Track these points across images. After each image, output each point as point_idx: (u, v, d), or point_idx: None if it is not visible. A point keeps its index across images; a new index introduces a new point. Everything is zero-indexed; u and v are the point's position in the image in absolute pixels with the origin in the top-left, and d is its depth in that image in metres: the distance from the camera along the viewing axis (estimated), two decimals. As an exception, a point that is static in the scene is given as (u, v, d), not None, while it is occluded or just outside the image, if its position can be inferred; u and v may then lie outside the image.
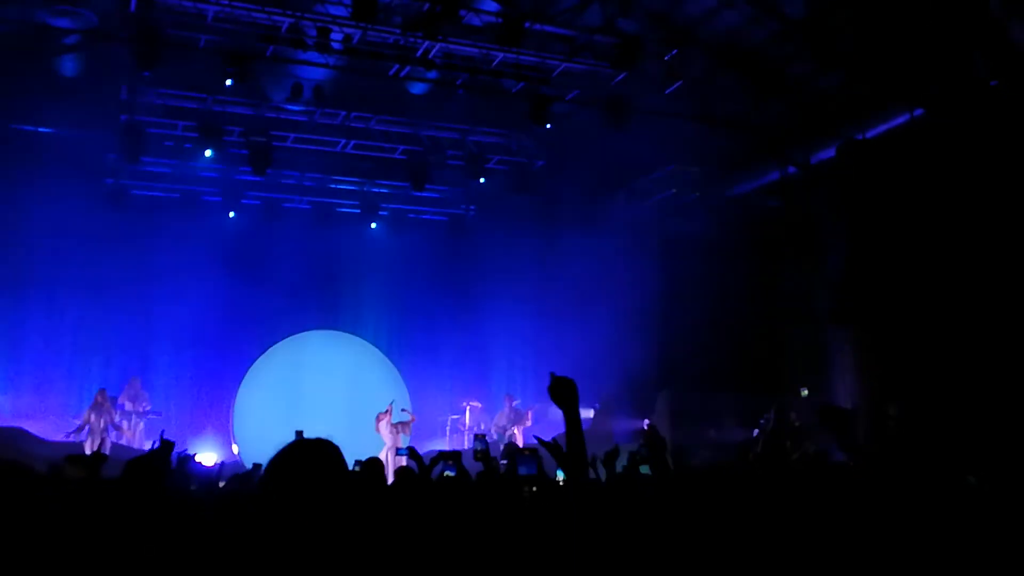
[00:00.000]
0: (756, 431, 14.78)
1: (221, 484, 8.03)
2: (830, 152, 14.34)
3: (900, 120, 13.43)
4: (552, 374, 3.43)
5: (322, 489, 2.32)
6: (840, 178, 14.10)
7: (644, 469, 6.50)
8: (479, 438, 5.93)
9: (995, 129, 11.54)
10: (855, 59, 13.24)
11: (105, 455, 8.75)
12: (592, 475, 6.10)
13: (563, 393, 3.32)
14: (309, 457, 2.39)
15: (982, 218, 11.58)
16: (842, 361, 14.61)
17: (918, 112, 13.05)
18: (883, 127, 13.74)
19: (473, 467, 6.29)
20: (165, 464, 5.37)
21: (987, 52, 11.34)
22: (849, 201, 13.99)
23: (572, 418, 3.28)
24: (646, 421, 17.30)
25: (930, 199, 12.26)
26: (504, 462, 5.83)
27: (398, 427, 16.27)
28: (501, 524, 3.19)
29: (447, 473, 5.56)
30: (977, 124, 11.87)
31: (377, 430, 16.16)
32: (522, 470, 4.06)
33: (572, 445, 3.22)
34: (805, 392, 15.45)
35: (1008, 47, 11.11)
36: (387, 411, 16.36)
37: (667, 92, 15.16)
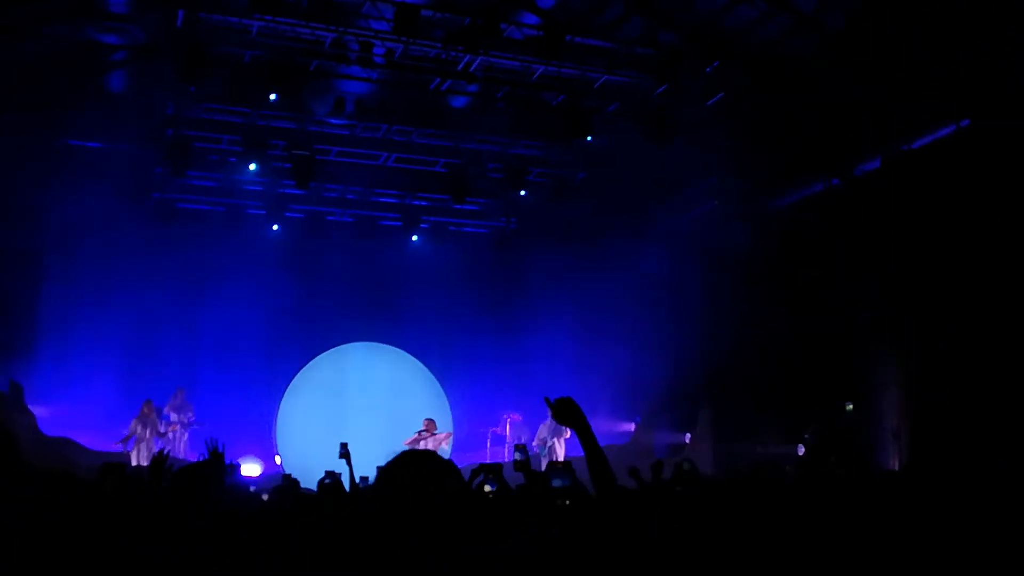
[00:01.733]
0: (800, 447, 14.63)
1: (264, 497, 8.08)
2: (874, 164, 14.16)
3: (946, 131, 13.23)
4: (547, 400, 3.44)
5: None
6: (885, 190, 13.92)
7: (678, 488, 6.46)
8: (519, 448, 5.90)
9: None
10: (899, 69, 13.08)
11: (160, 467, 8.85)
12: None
13: (568, 413, 3.32)
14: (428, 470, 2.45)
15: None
16: (887, 375, 14.40)
17: (964, 122, 12.86)
18: (929, 138, 13.54)
19: (513, 478, 6.28)
20: (217, 475, 5.39)
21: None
22: (894, 214, 13.80)
23: (585, 433, 3.27)
24: (687, 435, 17.21)
25: (976, 211, 12.06)
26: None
27: (435, 440, 16.29)
28: (535, 537, 3.18)
29: (487, 488, 5.54)
30: (1024, 134, 11.67)
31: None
32: (555, 483, 4.04)
33: (593, 458, 3.20)
34: (850, 407, 15.24)
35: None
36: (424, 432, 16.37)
37: (708, 104, 15.12)
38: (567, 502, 4.03)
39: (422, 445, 16.18)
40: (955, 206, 12.39)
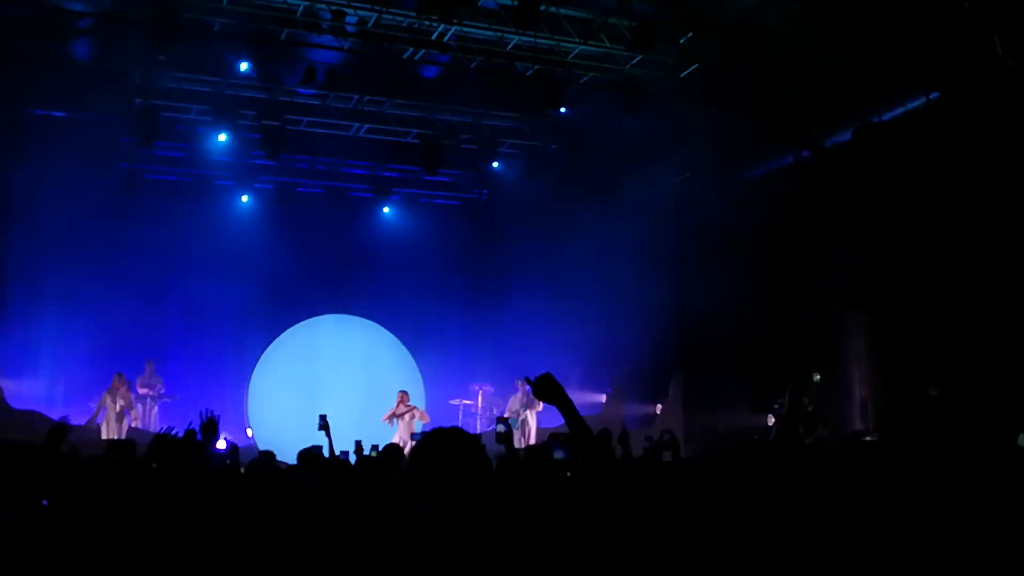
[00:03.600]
0: (771, 416, 14.80)
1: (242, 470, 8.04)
2: (846, 136, 14.26)
3: (916, 103, 13.34)
4: (527, 379, 3.45)
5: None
6: (855, 162, 14.02)
7: (665, 456, 6.53)
8: (501, 421, 5.92)
9: (1013, 112, 11.46)
10: (871, 41, 13.14)
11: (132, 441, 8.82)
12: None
13: (547, 389, 3.33)
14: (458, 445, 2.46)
15: (998, 201, 11.52)
16: (856, 346, 14.58)
17: (934, 95, 12.96)
18: (899, 110, 13.64)
19: (494, 451, 6.29)
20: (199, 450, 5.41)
21: (1007, 34, 11.26)
22: (864, 185, 13.92)
23: (567, 408, 3.29)
24: (659, 406, 17.34)
25: (946, 182, 12.19)
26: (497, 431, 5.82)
27: (411, 414, 16.29)
28: (536, 509, 3.20)
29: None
30: (994, 107, 11.79)
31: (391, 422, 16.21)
32: (557, 454, 4.06)
33: (577, 432, 3.22)
34: (818, 377, 15.43)
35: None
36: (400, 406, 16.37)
37: (682, 75, 15.12)
38: (568, 474, 4.05)
39: (404, 420, 16.17)
40: (925, 178, 12.51)
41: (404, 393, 16.68)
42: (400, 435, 15.57)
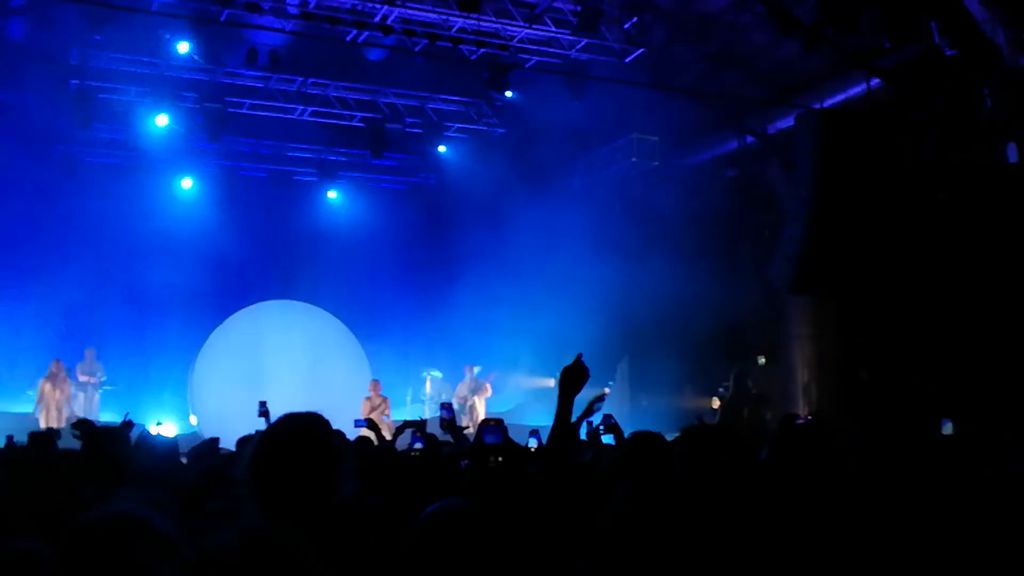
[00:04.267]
0: (715, 399, 14.95)
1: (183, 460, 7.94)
2: (788, 121, 14.40)
3: (857, 89, 13.51)
4: (580, 356, 3.34)
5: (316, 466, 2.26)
6: (798, 147, 14.17)
7: (607, 439, 6.53)
8: (445, 407, 5.90)
9: (951, 98, 11.66)
10: (813, 28, 13.26)
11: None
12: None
13: (574, 376, 3.26)
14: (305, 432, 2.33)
15: (938, 187, 11.72)
16: (799, 330, 14.77)
17: (875, 82, 13.13)
18: (841, 96, 13.82)
19: (440, 437, 6.27)
20: (125, 439, 5.35)
21: (944, 22, 11.42)
22: (807, 170, 14.07)
23: (568, 402, 3.24)
24: (606, 390, 17.44)
25: (887, 168, 12.38)
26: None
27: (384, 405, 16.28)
28: (468, 495, 3.18)
29: (416, 445, 5.53)
30: (933, 93, 11.98)
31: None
32: (488, 439, 4.04)
33: (560, 428, 3.20)
34: (762, 360, 15.62)
35: (965, 17, 11.19)
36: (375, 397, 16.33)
37: (627, 61, 15.15)
38: (499, 459, 4.03)
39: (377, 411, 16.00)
40: (867, 163, 12.68)
41: (376, 382, 16.65)
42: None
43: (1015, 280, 10.69)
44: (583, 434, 7.70)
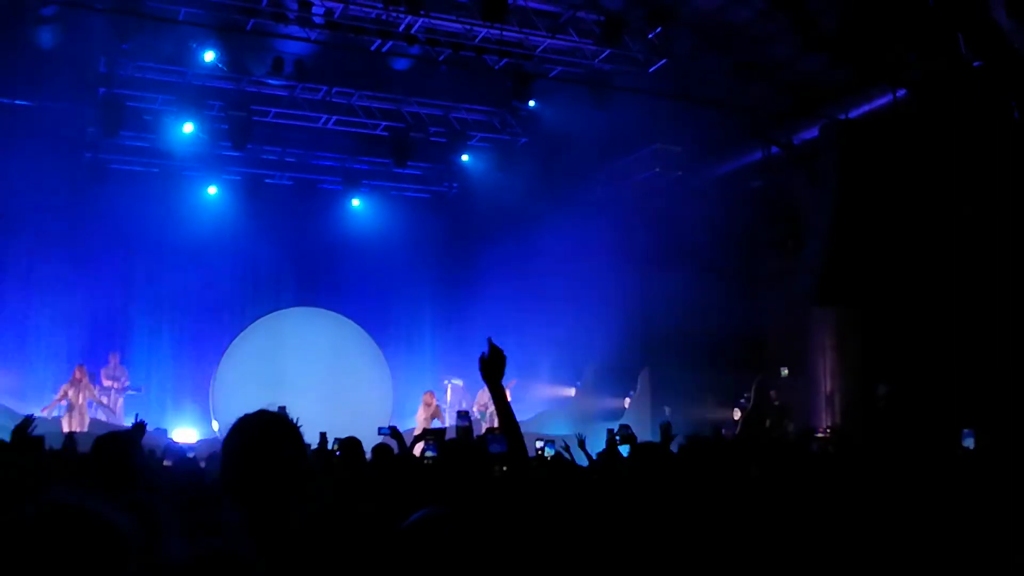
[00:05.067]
0: (736, 410, 14.88)
1: (202, 464, 7.99)
2: (813, 132, 14.33)
3: (883, 101, 13.43)
4: (490, 339, 3.34)
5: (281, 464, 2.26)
6: (823, 159, 14.10)
7: (623, 449, 6.52)
8: (462, 415, 5.91)
9: (977, 110, 11.55)
10: (839, 39, 13.19)
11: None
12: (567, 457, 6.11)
13: (493, 367, 3.26)
14: (266, 433, 2.34)
15: (963, 199, 11.61)
16: (822, 341, 14.67)
17: (901, 93, 13.05)
18: (866, 107, 13.73)
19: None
20: (135, 443, 5.37)
21: (970, 33, 11.33)
22: (832, 182, 13.99)
23: (498, 394, 3.23)
24: (627, 400, 17.39)
25: (912, 180, 12.28)
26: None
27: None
28: (471, 503, 3.17)
29: (428, 453, 5.53)
30: (959, 105, 11.88)
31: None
32: (493, 448, 4.03)
33: (505, 423, 3.18)
34: (785, 372, 15.53)
35: (991, 28, 11.10)
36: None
37: (651, 71, 15.13)
38: (504, 468, 4.03)
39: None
40: (891, 175, 12.60)
41: (431, 393, 16.93)
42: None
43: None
44: (603, 442, 7.69)
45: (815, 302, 14.51)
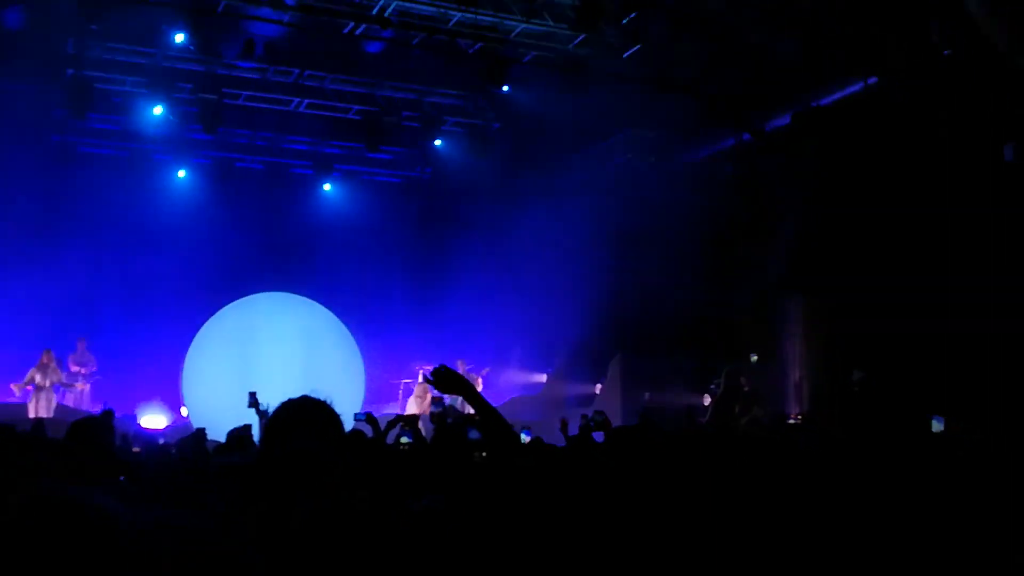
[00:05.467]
0: (707, 396, 14.96)
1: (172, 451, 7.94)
2: (785, 119, 14.39)
3: (854, 88, 13.51)
4: (425, 377, 3.41)
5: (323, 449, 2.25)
6: (794, 145, 14.17)
7: (597, 435, 6.53)
8: (436, 401, 5.90)
9: (948, 98, 11.65)
10: (812, 26, 13.24)
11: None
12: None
13: (449, 382, 3.29)
14: (312, 416, 2.33)
15: (934, 186, 11.71)
16: (792, 328, 14.78)
17: (872, 80, 13.13)
18: (838, 94, 13.81)
19: (430, 431, 6.27)
20: (109, 429, 5.32)
21: (942, 21, 11.41)
22: (803, 168, 14.08)
23: (472, 398, 3.25)
24: (598, 386, 17.43)
25: (883, 167, 12.37)
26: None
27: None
28: (451, 489, 3.17)
29: (403, 439, 5.52)
30: (930, 93, 11.97)
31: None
32: (472, 435, 4.03)
33: (487, 419, 3.19)
34: (755, 358, 15.62)
35: (962, 16, 11.18)
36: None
37: (625, 56, 15.11)
38: (483, 455, 4.02)
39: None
40: (862, 162, 12.68)
41: (424, 386, 17.05)
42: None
43: (1010, 276, 10.67)
44: (576, 429, 7.72)
45: (785, 288, 14.62)
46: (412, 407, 16.64)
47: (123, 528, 1.63)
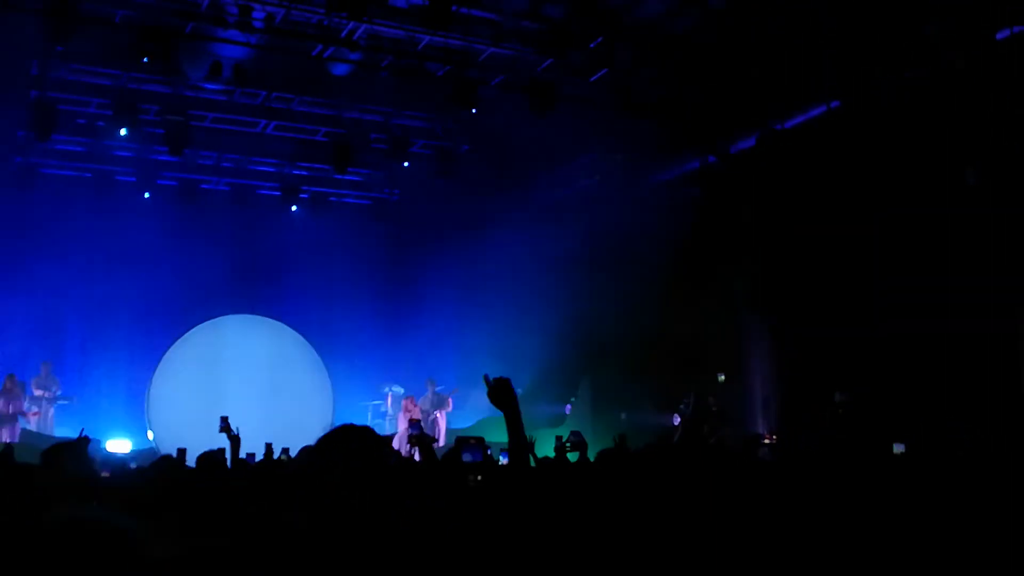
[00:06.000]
0: (676, 416, 15.04)
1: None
2: (750, 142, 14.58)
3: (818, 111, 13.73)
4: (486, 377, 3.41)
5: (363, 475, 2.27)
6: (759, 168, 14.36)
7: (572, 456, 6.56)
8: (414, 423, 5.91)
9: (910, 120, 11.87)
10: (775, 49, 13.46)
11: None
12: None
13: (502, 395, 3.32)
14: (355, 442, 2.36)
15: (896, 207, 11.91)
16: (759, 348, 14.92)
17: (835, 104, 13.35)
18: (801, 118, 14.03)
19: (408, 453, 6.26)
20: (83, 453, 5.27)
21: (902, 44, 11.65)
22: (768, 190, 14.26)
23: (513, 417, 3.28)
24: (568, 406, 17.49)
25: (846, 188, 12.57)
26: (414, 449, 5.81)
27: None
28: (449, 512, 3.18)
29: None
30: (892, 115, 12.19)
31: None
32: (466, 457, 4.04)
33: (517, 442, 3.23)
34: (722, 378, 15.75)
35: (922, 40, 11.43)
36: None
37: (592, 80, 15.24)
38: (479, 478, 4.04)
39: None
40: (826, 184, 12.88)
41: (412, 398, 17.38)
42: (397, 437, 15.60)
43: (972, 293, 10.85)
44: (551, 451, 7.74)
45: (751, 308, 14.77)
46: (402, 423, 16.71)
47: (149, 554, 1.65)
